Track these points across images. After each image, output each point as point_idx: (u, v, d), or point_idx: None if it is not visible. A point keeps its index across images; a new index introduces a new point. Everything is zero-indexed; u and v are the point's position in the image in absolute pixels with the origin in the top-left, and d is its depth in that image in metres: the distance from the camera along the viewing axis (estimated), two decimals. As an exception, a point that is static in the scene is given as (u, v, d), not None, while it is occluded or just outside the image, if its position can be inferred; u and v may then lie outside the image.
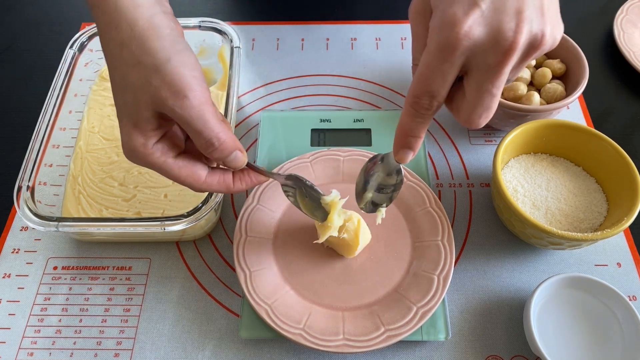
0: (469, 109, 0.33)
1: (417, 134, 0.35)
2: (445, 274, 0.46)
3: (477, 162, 0.57)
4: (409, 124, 0.35)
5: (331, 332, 0.43)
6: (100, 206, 0.51)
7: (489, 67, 0.31)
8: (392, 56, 0.67)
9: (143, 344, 0.46)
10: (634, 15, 0.69)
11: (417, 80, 0.33)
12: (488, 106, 0.33)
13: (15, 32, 0.71)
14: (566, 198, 0.50)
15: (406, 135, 0.35)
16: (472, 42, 0.30)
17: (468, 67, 0.32)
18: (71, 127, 0.56)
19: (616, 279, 0.49)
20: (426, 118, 0.34)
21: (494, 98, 0.32)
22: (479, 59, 0.31)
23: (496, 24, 0.30)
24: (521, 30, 0.30)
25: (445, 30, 0.30)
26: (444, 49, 0.30)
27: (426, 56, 0.32)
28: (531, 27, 0.30)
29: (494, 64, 0.31)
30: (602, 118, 0.61)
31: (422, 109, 0.33)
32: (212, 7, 0.73)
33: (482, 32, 0.30)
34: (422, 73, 0.32)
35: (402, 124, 0.35)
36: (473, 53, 0.30)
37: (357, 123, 0.58)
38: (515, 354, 0.45)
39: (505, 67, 0.31)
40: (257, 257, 0.47)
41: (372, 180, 0.42)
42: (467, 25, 0.29)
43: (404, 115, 0.35)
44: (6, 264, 0.51)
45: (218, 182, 0.40)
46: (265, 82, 0.64)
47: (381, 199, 0.43)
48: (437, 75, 0.31)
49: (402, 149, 0.37)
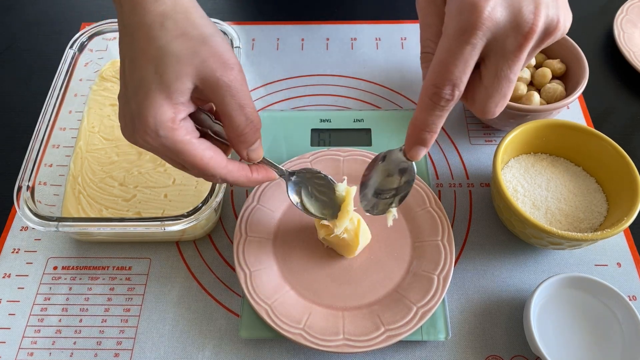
0: (486, 96, 0.32)
1: (434, 129, 0.34)
2: (445, 274, 0.46)
3: (477, 162, 0.57)
4: (427, 118, 0.33)
5: (331, 332, 0.43)
6: (100, 206, 0.51)
7: (509, 51, 0.31)
8: (392, 56, 0.67)
9: (143, 344, 0.46)
10: (634, 15, 0.69)
11: (437, 68, 0.31)
12: (505, 93, 0.32)
13: (15, 32, 0.71)
14: (566, 198, 0.50)
15: (422, 131, 0.34)
16: (494, 24, 0.30)
17: (486, 53, 0.31)
18: (71, 127, 0.56)
19: (616, 279, 0.49)
20: (445, 110, 0.33)
21: (511, 84, 0.32)
22: (499, 43, 0.30)
23: (517, 7, 0.30)
24: (540, 14, 0.30)
25: (466, 13, 0.30)
26: (466, 32, 0.30)
27: (445, 41, 0.31)
28: (548, 12, 0.30)
29: (514, 48, 0.30)
30: (602, 118, 0.61)
31: (443, 100, 0.32)
32: (212, 7, 0.73)
33: (503, 14, 0.30)
34: (441, 60, 0.31)
35: (418, 119, 0.34)
36: (494, 36, 0.30)
37: (357, 123, 0.58)
38: (515, 354, 0.45)
39: (524, 51, 0.31)
40: (257, 257, 0.47)
41: (372, 182, 0.41)
42: (490, 7, 0.29)
43: (421, 110, 0.33)
44: (6, 264, 0.51)
45: (238, 169, 0.39)
46: (265, 82, 0.64)
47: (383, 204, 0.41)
48: (460, 60, 0.30)
49: (416, 146, 0.35)
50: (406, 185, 0.40)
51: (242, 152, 0.39)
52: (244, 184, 0.40)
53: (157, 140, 0.34)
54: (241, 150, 0.39)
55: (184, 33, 0.34)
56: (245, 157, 0.39)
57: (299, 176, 0.44)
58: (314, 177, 0.44)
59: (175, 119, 0.34)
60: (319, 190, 0.44)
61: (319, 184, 0.44)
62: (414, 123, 0.34)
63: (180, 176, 0.52)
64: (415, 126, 0.34)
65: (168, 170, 0.53)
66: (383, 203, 0.41)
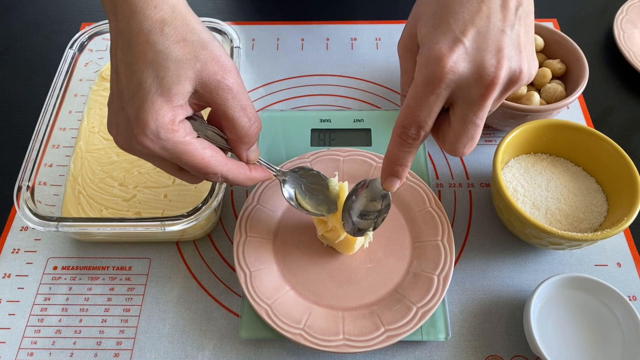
0: (454, 138, 0.35)
1: (404, 163, 0.37)
2: (445, 274, 0.46)
3: (477, 162, 0.57)
4: (397, 154, 0.37)
5: (331, 332, 0.43)
6: (100, 206, 0.51)
7: (473, 100, 0.33)
8: (392, 56, 0.67)
9: (143, 344, 0.46)
10: (634, 15, 0.69)
11: (405, 112, 0.34)
12: (472, 136, 0.35)
13: (15, 32, 0.71)
14: (566, 198, 0.50)
15: (394, 164, 0.37)
16: (457, 76, 0.32)
17: (453, 100, 0.34)
18: (71, 127, 0.56)
19: (616, 279, 0.49)
20: (413, 147, 0.36)
21: (478, 128, 0.35)
22: (463, 92, 0.33)
23: (479, 60, 0.32)
24: (502, 67, 0.32)
25: (431, 65, 0.32)
26: (431, 82, 0.32)
27: (414, 89, 0.34)
28: (510, 64, 0.32)
29: (477, 97, 0.33)
30: (602, 118, 0.61)
31: (410, 138, 0.35)
32: (212, 7, 0.73)
33: (466, 67, 0.32)
34: (409, 105, 0.34)
35: (390, 154, 0.37)
36: (458, 86, 0.32)
37: (357, 123, 0.58)
38: (515, 354, 0.45)
39: (488, 100, 0.33)
40: (257, 257, 0.47)
41: (357, 205, 0.44)
42: (452, 60, 0.32)
43: (392, 145, 0.37)
44: (6, 264, 0.51)
45: (238, 167, 0.39)
46: (265, 82, 0.64)
47: (367, 224, 0.44)
48: (424, 106, 0.33)
49: (390, 177, 0.39)
50: (386, 209, 0.43)
51: (242, 154, 0.40)
52: (243, 182, 0.40)
53: (157, 143, 0.35)
54: (242, 152, 0.40)
55: (184, 38, 0.35)
56: (245, 159, 0.40)
57: (293, 175, 0.45)
58: (306, 175, 0.45)
59: (175, 120, 0.35)
60: (312, 188, 0.45)
61: (312, 181, 0.45)
62: (387, 157, 0.38)
63: (180, 176, 0.52)
64: (389, 160, 0.38)
65: (168, 170, 0.53)
66: (366, 224, 0.44)
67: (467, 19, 0.32)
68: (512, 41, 0.33)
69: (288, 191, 0.45)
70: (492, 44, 0.32)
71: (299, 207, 0.45)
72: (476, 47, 0.32)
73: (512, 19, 0.33)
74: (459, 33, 0.32)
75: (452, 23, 0.33)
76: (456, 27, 0.32)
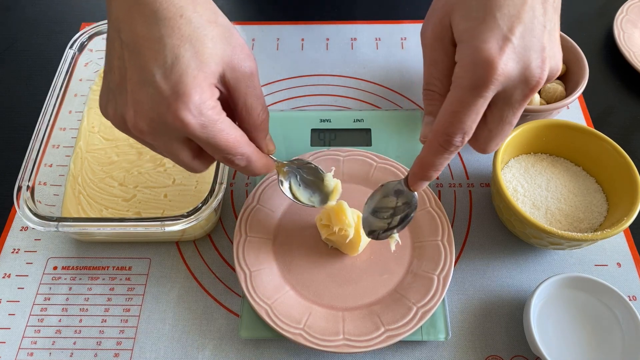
0: (489, 138, 0.34)
1: (439, 168, 0.36)
2: (445, 274, 0.46)
3: (477, 162, 0.57)
4: (435, 160, 0.35)
5: (331, 332, 0.43)
6: (100, 206, 0.51)
7: (515, 101, 0.32)
8: (392, 56, 0.67)
9: (143, 344, 0.46)
10: (634, 15, 0.69)
11: (449, 118, 0.32)
12: (506, 135, 0.35)
13: (15, 32, 0.71)
14: (566, 198, 0.50)
15: (428, 170, 0.36)
16: (505, 78, 0.31)
17: (493, 101, 0.33)
18: (71, 127, 0.56)
19: (616, 279, 0.49)
20: (453, 154, 0.35)
21: (512, 127, 0.34)
22: (507, 93, 0.32)
23: (526, 61, 0.31)
24: (545, 67, 0.31)
25: (480, 67, 0.31)
26: (479, 85, 0.31)
27: (458, 92, 0.32)
28: (551, 63, 0.32)
29: (520, 98, 0.32)
30: (602, 118, 0.61)
31: (454, 147, 0.33)
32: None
33: (514, 68, 0.31)
34: (455, 111, 0.32)
35: (426, 159, 0.35)
36: (504, 88, 0.31)
37: (357, 123, 0.58)
38: (515, 354, 0.45)
39: (528, 100, 0.32)
40: (257, 257, 0.47)
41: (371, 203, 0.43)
42: (503, 62, 0.30)
43: (430, 153, 0.35)
44: (6, 264, 0.51)
45: (258, 151, 0.39)
46: (265, 82, 0.64)
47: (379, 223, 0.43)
48: (472, 111, 0.32)
49: (421, 181, 0.38)
50: (405, 207, 0.41)
51: (261, 142, 0.39)
52: (260, 167, 0.39)
53: (198, 119, 0.33)
54: (261, 139, 0.39)
55: (215, 20, 0.35)
56: (264, 148, 0.40)
57: (290, 165, 0.45)
58: (303, 167, 0.45)
59: (214, 97, 0.34)
60: (308, 180, 0.46)
61: (309, 173, 0.46)
62: (422, 162, 0.36)
63: (180, 176, 0.52)
64: (424, 165, 0.36)
65: (168, 170, 0.53)
66: (380, 222, 0.43)
67: (514, 13, 0.31)
68: (551, 37, 0.32)
69: (284, 180, 0.45)
70: (537, 42, 0.31)
71: (292, 197, 0.45)
72: (523, 45, 0.31)
73: (550, 12, 0.32)
74: (507, 30, 0.30)
75: (498, 18, 0.31)
76: (503, 22, 0.31)
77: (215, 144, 0.35)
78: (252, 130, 0.38)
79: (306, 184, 0.46)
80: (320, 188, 0.46)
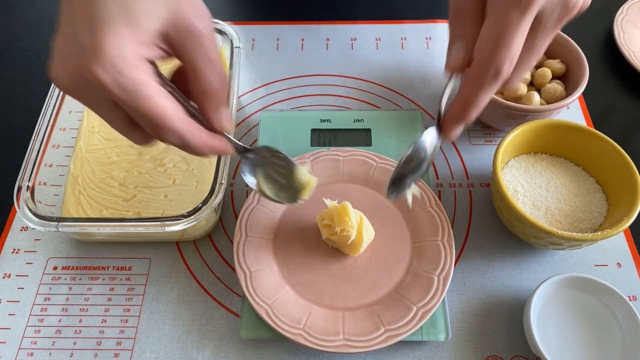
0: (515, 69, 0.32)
1: (481, 107, 0.33)
2: (445, 274, 0.46)
3: (477, 162, 0.57)
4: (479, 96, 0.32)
5: (331, 332, 0.43)
6: (100, 206, 0.51)
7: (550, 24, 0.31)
8: (392, 56, 0.67)
9: (143, 344, 0.46)
10: (634, 15, 0.69)
11: (496, 44, 0.30)
12: (532, 65, 0.33)
13: (15, 32, 0.71)
14: (566, 198, 0.50)
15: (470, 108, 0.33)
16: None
17: None
18: (71, 127, 0.56)
19: (616, 279, 0.49)
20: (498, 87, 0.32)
21: (539, 57, 0.32)
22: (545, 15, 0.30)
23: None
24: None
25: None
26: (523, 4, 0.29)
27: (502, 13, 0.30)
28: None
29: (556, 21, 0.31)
30: (602, 118, 0.61)
31: (502, 76, 0.31)
32: (212, 7, 0.72)
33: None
34: (500, 35, 0.30)
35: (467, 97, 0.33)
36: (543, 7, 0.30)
37: (357, 123, 0.58)
38: (515, 354, 0.45)
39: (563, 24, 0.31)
40: (257, 257, 0.47)
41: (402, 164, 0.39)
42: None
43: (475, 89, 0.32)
44: (6, 264, 0.51)
45: (196, 128, 0.34)
46: (265, 82, 0.64)
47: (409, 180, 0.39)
48: (519, 34, 0.30)
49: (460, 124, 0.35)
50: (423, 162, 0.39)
51: (210, 114, 0.35)
52: (200, 147, 0.35)
53: (114, 77, 0.29)
54: (210, 111, 0.35)
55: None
56: (216, 123, 0.36)
57: (257, 154, 0.40)
58: (272, 157, 0.40)
59: (138, 55, 0.30)
60: (277, 172, 0.41)
61: (278, 164, 0.41)
62: (462, 102, 0.33)
63: (180, 176, 0.52)
64: (465, 104, 0.33)
65: (168, 170, 0.53)
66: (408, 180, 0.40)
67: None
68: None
69: (248, 171, 0.40)
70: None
71: (258, 190, 0.41)
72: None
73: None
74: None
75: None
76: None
77: (140, 113, 0.31)
78: (201, 100, 0.35)
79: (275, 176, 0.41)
80: (290, 182, 0.40)
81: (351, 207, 0.45)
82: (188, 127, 0.33)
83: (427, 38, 0.68)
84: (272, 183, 0.41)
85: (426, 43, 0.68)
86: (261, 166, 0.41)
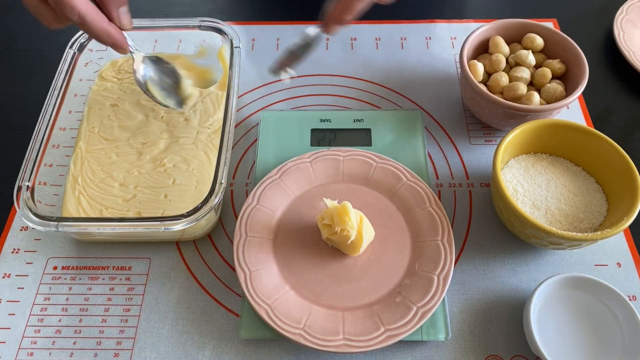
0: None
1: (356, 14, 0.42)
2: (445, 274, 0.46)
3: (477, 162, 0.57)
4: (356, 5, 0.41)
5: (331, 332, 0.43)
6: (100, 206, 0.51)
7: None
8: (392, 56, 0.67)
9: (143, 344, 0.46)
10: (634, 15, 0.69)
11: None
12: None
13: (15, 32, 0.71)
14: (566, 198, 0.50)
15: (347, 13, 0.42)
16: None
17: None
18: (71, 127, 0.56)
19: (616, 279, 0.49)
20: None
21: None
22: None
23: None
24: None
25: None
26: None
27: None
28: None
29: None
30: (602, 118, 0.61)
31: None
32: (212, 7, 0.73)
33: None
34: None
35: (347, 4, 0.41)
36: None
37: (357, 123, 0.58)
38: (515, 354, 0.45)
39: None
40: (257, 257, 0.47)
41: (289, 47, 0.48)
42: None
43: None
44: (6, 264, 0.51)
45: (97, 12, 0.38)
46: (265, 82, 0.64)
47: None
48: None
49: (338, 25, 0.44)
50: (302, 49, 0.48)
51: (111, 9, 0.40)
52: (97, 29, 0.39)
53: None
54: (112, 9, 0.39)
55: None
56: (115, 18, 0.40)
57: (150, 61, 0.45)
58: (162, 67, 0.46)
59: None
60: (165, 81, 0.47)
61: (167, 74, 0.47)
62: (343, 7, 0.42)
63: (180, 176, 0.52)
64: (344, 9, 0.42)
65: (168, 170, 0.53)
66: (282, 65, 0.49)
67: None
68: None
69: (142, 72, 0.45)
70: None
71: (147, 91, 0.46)
72: None
73: None
74: None
75: None
76: None
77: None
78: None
79: (164, 83, 0.46)
80: (177, 91, 0.47)
81: (351, 207, 0.45)
82: (88, 7, 0.37)
83: (427, 38, 0.68)
84: (161, 89, 0.48)
85: (426, 43, 0.68)
86: (154, 71, 0.46)
